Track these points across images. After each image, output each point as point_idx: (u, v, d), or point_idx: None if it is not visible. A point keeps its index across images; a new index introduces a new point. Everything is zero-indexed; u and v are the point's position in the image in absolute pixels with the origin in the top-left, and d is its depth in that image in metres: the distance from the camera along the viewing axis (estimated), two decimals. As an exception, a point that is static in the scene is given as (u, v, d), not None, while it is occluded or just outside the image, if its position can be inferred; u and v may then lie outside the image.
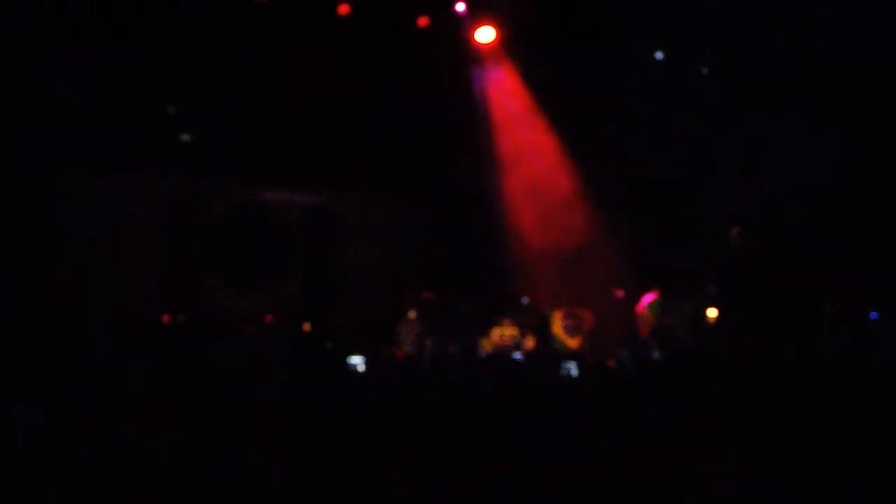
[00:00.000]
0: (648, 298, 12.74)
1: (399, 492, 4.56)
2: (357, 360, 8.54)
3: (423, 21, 12.80)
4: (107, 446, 5.29)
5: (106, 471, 5.02)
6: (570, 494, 4.47)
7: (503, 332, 13.00)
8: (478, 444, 4.89)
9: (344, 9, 12.50)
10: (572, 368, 8.11)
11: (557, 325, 13.18)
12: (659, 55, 12.40)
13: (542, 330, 12.94)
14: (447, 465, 4.70)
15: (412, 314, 12.95)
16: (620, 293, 12.93)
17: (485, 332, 13.05)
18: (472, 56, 13.39)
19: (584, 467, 4.65)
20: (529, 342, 12.79)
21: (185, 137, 13.15)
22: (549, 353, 12.12)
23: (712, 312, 12.69)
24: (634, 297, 12.75)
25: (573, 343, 13.21)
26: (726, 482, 4.25)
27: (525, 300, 13.25)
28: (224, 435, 5.52)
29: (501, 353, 11.88)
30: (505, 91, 13.52)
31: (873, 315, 11.37)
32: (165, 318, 12.46)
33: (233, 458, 5.15)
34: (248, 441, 5.40)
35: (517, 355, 11.28)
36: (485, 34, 13.17)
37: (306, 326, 12.66)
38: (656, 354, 12.32)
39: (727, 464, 4.40)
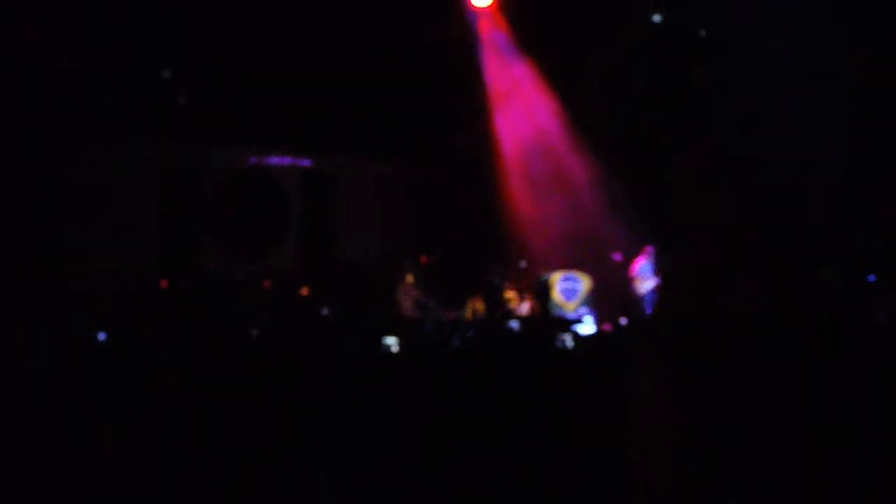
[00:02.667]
0: (641, 260, 12.70)
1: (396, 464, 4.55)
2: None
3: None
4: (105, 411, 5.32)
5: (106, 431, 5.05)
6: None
7: (501, 297, 13.06)
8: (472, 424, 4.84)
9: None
10: (567, 339, 8.08)
11: (555, 289, 13.21)
12: (656, 18, 12.27)
13: (540, 294, 12.97)
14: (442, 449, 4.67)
15: (410, 278, 12.97)
16: (618, 256, 12.92)
17: (481, 296, 13.12)
18: (471, 18, 13.31)
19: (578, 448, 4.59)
20: (527, 307, 12.84)
21: (182, 101, 13.04)
22: (547, 320, 12.14)
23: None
24: (629, 260, 12.75)
25: (571, 307, 13.26)
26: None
27: (523, 264, 13.24)
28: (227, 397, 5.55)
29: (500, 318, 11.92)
30: (504, 54, 13.44)
31: (871, 278, 11.35)
32: (164, 284, 12.51)
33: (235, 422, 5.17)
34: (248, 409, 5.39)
35: (513, 323, 11.31)
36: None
37: (303, 291, 12.70)
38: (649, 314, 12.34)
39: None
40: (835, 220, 11.51)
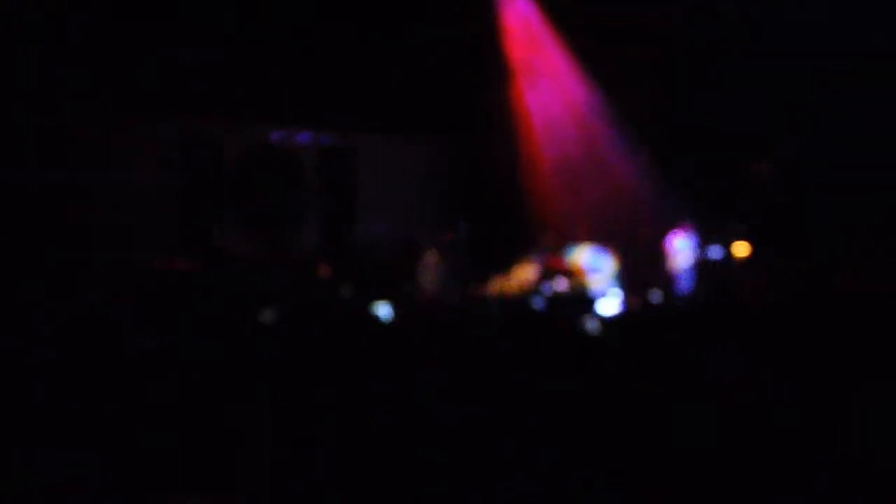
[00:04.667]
0: (677, 235, 12.38)
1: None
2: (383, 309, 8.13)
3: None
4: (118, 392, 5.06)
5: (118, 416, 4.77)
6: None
7: (525, 273, 12.71)
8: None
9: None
10: (591, 323, 7.68)
11: (581, 263, 12.84)
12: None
13: (566, 272, 12.61)
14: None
15: (433, 256, 12.68)
16: (646, 231, 12.54)
17: (507, 272, 12.78)
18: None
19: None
20: (554, 283, 12.48)
21: (189, 60, 12.69)
22: (572, 298, 11.78)
23: (742, 249, 12.32)
24: (661, 235, 12.37)
25: (597, 281, 12.88)
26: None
27: (546, 237, 12.87)
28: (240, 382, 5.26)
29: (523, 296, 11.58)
30: (527, 25, 13.04)
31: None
32: (178, 264, 12.27)
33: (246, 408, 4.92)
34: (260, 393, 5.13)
35: (539, 301, 10.96)
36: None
37: (324, 271, 12.42)
38: (685, 292, 12.00)
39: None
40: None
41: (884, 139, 11.10)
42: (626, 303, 11.94)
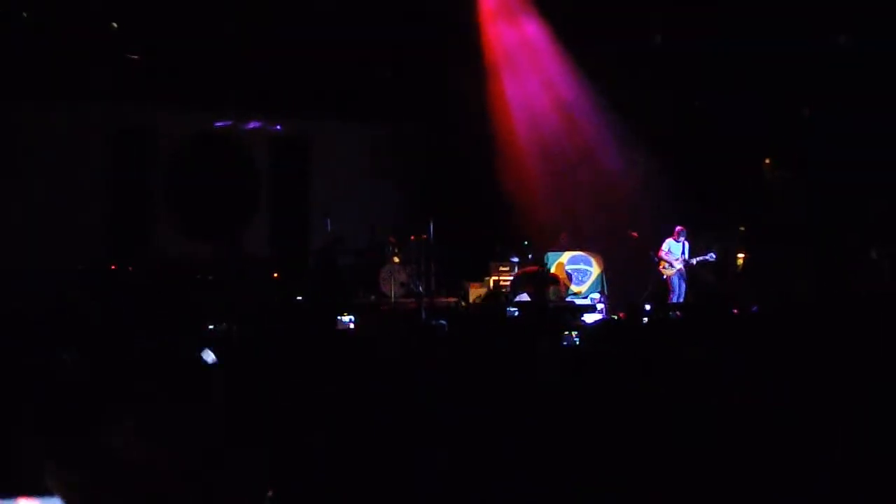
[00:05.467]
0: (670, 239, 11.30)
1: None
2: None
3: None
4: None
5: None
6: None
7: (498, 279, 11.51)
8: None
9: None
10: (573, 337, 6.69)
11: (562, 270, 11.71)
12: None
13: (544, 279, 11.46)
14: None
15: (396, 259, 11.41)
16: (635, 234, 11.39)
17: (479, 278, 11.58)
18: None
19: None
20: (529, 289, 11.33)
21: (133, 56, 11.32)
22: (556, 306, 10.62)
23: (741, 254, 11.34)
24: (652, 239, 11.23)
25: (580, 289, 11.78)
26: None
27: (525, 242, 11.67)
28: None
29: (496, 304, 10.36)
30: (510, 10, 11.73)
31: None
32: (113, 266, 10.93)
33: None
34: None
35: (514, 311, 9.79)
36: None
37: (275, 275, 11.10)
38: (676, 299, 11.04)
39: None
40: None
41: (883, 138, 10.28)
42: (611, 312, 10.88)
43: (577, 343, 6.88)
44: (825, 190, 10.91)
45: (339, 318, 7.06)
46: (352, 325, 7.11)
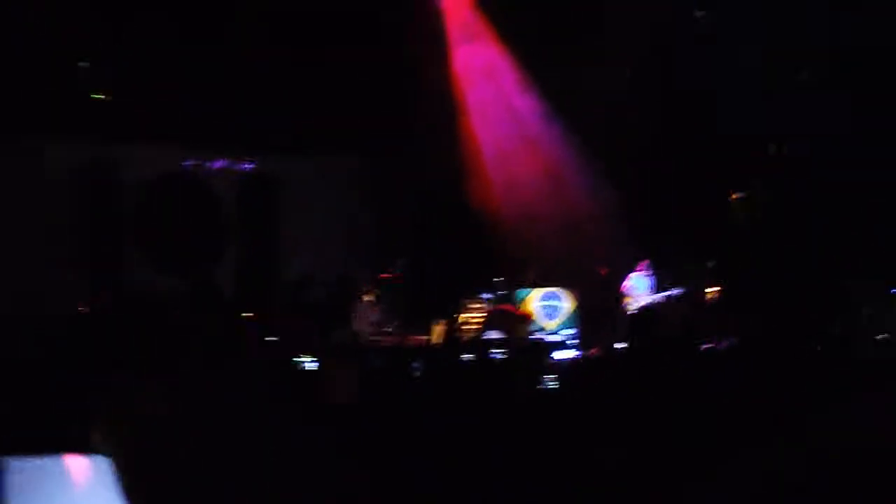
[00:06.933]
0: (635, 274, 11.29)
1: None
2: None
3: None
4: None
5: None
6: None
7: (471, 317, 11.48)
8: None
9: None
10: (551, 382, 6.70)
11: (534, 307, 11.71)
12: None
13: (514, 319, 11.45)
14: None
15: (368, 297, 11.34)
16: (604, 271, 11.42)
17: (452, 316, 11.53)
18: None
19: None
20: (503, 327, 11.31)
21: (101, 95, 11.28)
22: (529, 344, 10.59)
23: (711, 290, 11.37)
24: (622, 275, 11.24)
25: (552, 326, 11.77)
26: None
27: (497, 279, 11.65)
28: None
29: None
30: (471, 37, 11.80)
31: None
32: (81, 307, 10.76)
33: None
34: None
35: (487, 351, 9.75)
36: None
37: (244, 314, 10.96)
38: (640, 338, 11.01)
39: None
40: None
41: (857, 170, 10.40)
42: (584, 349, 10.89)
43: (554, 386, 6.84)
44: (796, 225, 10.99)
45: (301, 361, 6.99)
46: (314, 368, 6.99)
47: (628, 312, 11.29)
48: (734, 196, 11.65)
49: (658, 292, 11.10)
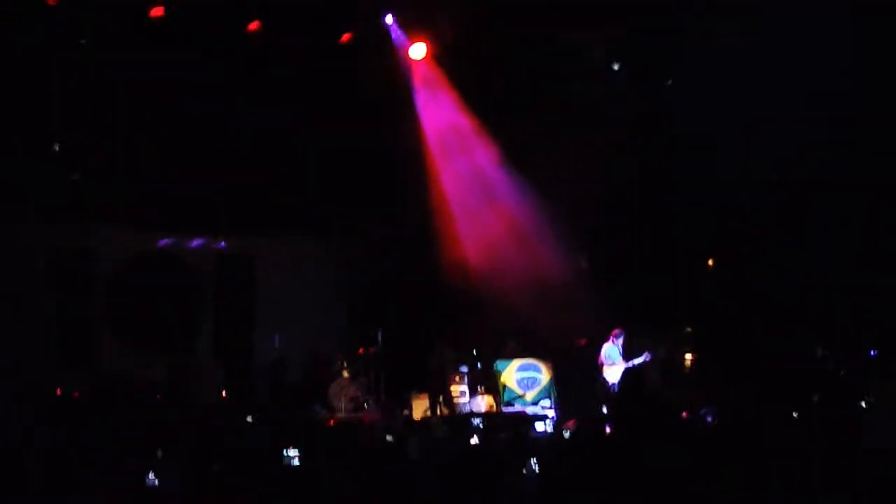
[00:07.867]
0: (608, 344, 11.12)
1: None
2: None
3: (346, 37, 11.12)
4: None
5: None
6: None
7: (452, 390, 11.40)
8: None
9: (255, 26, 10.75)
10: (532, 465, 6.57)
11: (512, 378, 11.64)
12: (616, 66, 11.02)
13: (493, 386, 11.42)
14: None
15: (346, 373, 11.28)
16: (583, 341, 11.36)
17: (430, 390, 11.43)
18: (402, 76, 11.74)
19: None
20: (483, 401, 11.27)
21: (75, 177, 11.23)
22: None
23: (687, 356, 11.37)
24: (599, 345, 11.17)
25: (530, 396, 11.70)
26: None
27: (476, 351, 11.60)
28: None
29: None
30: (442, 112, 11.90)
31: (873, 353, 10.13)
32: (59, 391, 10.59)
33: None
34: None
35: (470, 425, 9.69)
36: (417, 50, 11.57)
37: (222, 395, 10.87)
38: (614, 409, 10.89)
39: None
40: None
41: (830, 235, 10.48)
42: (561, 420, 10.76)
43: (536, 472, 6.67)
44: (770, 289, 10.99)
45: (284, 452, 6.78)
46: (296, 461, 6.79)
47: (609, 382, 11.14)
48: (710, 262, 11.73)
49: (628, 360, 10.88)
